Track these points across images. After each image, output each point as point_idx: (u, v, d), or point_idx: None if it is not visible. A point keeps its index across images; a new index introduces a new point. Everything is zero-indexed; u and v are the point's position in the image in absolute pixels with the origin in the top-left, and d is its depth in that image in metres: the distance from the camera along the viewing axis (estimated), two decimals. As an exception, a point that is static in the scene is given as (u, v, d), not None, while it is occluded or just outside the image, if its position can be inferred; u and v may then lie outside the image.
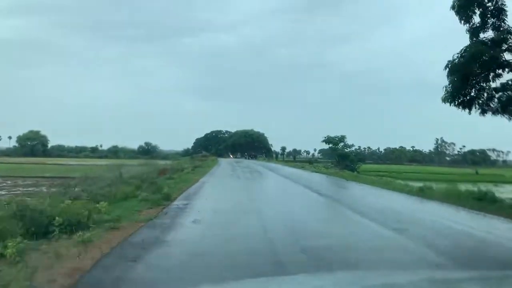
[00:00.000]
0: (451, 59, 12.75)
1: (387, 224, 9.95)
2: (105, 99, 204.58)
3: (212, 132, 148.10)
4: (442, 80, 12.93)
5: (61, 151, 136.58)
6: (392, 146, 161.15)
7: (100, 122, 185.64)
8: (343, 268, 5.70)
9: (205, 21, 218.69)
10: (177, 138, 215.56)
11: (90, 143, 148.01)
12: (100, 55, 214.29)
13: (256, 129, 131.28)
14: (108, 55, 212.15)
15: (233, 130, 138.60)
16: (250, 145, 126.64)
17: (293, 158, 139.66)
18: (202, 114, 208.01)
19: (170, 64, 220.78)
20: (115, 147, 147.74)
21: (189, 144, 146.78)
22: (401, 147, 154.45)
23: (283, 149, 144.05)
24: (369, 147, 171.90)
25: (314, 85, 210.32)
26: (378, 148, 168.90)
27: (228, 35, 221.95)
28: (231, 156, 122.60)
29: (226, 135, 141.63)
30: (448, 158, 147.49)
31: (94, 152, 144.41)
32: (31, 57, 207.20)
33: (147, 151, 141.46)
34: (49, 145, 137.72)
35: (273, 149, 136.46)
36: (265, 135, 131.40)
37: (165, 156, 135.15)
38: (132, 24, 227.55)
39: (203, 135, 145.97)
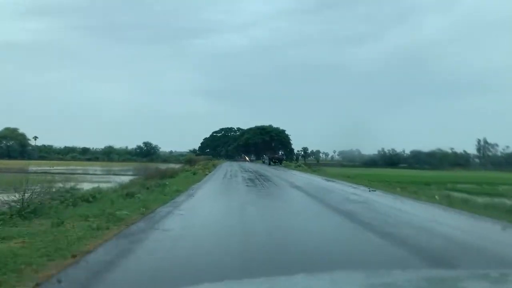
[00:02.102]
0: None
1: None
2: (113, 101, 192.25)
3: (221, 129, 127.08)
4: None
5: (45, 152, 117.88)
6: (406, 148, 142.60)
7: (107, 124, 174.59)
8: None
9: (215, 23, 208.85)
10: (186, 140, 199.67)
11: (95, 145, 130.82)
12: (109, 56, 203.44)
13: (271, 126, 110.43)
14: (117, 57, 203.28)
15: (245, 128, 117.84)
16: (268, 145, 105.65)
17: (317, 161, 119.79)
18: (213, 115, 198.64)
19: (179, 65, 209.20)
20: (110, 147, 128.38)
21: (197, 145, 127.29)
22: (438, 149, 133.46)
23: (305, 150, 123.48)
24: (393, 149, 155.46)
25: (326, 85, 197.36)
26: (404, 150, 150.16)
27: (238, 36, 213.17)
28: (247, 158, 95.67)
29: (238, 133, 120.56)
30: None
31: (84, 153, 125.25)
32: (39, 59, 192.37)
33: (147, 153, 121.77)
34: (34, 145, 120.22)
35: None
36: (286, 132, 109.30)
37: (167, 158, 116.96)
38: (141, 26, 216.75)
39: (212, 134, 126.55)
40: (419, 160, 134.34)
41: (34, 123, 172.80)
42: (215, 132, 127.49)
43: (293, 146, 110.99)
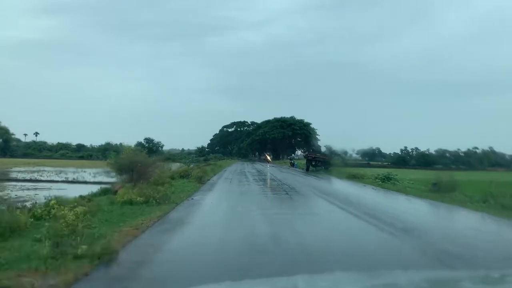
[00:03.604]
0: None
1: None
2: (124, 98, 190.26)
3: (232, 124, 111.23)
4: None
5: (34, 149, 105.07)
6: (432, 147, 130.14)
7: (117, 121, 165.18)
8: None
9: (230, 20, 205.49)
10: (200, 138, 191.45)
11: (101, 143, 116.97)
12: (124, 54, 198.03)
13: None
14: (132, 55, 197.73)
15: (260, 122, 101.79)
16: (288, 141, 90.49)
17: (342, 161, 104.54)
18: (227, 113, 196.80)
19: (194, 63, 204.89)
20: (108, 144, 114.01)
21: (206, 142, 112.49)
22: (475, 148, 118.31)
23: (329, 148, 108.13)
24: (416, 148, 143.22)
25: (342, 83, 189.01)
26: (428, 149, 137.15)
27: (253, 33, 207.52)
28: (269, 158, 68.46)
29: (252, 128, 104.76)
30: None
31: (79, 150, 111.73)
32: (55, 57, 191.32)
33: (148, 150, 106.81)
34: (24, 141, 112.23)
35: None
36: (312, 125, 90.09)
37: (171, 156, 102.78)
38: (156, 23, 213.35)
39: (222, 129, 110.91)
40: (453, 160, 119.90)
41: (39, 120, 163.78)
42: (226, 126, 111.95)
43: (319, 143, 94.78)
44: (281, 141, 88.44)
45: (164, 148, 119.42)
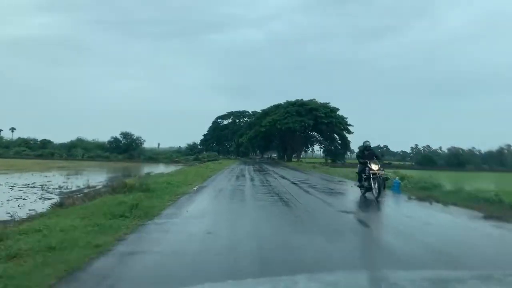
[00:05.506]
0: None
1: None
2: (122, 96, 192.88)
3: (229, 114, 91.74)
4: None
5: None
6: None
7: (116, 121, 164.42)
8: None
9: (232, 17, 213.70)
10: (195, 136, 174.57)
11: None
12: (125, 52, 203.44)
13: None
14: (133, 52, 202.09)
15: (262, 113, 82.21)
16: (306, 134, 71.66)
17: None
18: (227, 111, 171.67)
19: (194, 61, 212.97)
20: (79, 139, 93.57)
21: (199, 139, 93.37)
22: (508, 145, 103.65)
23: (345, 144, 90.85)
24: (428, 146, 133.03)
25: (346, 80, 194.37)
26: (440, 147, 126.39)
27: (256, 31, 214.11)
28: (374, 166, 13.24)
29: (253, 118, 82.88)
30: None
31: (44, 147, 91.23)
32: (54, 55, 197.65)
33: (126, 147, 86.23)
34: None
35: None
36: (339, 112, 68.68)
37: (155, 155, 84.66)
38: (158, 21, 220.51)
39: (218, 123, 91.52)
40: (485, 159, 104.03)
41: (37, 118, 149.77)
42: (220, 117, 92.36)
43: (350, 137, 72.03)
44: (295, 134, 69.13)
45: (161, 146, 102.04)
